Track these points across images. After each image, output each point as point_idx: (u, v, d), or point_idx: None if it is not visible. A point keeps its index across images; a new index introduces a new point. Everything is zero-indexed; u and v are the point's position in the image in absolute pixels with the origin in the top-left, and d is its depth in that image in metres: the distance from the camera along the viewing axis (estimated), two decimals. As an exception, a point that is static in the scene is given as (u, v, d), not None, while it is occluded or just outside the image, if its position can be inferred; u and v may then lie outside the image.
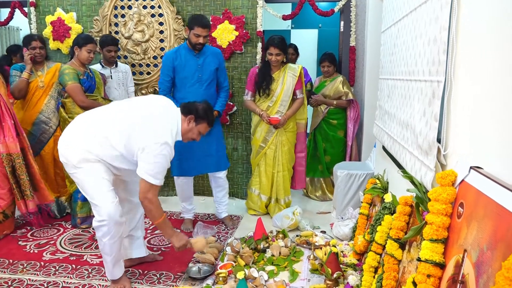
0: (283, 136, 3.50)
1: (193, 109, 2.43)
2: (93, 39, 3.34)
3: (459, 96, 1.46)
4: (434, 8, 1.66)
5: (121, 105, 2.46)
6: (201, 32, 3.04)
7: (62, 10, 4.07)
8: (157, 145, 2.20)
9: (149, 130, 2.23)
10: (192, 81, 3.16)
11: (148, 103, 2.43)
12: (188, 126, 2.41)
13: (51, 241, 3.11)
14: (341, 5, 4.02)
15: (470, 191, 1.30)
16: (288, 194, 3.63)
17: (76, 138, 2.28)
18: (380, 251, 2.16)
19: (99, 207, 2.24)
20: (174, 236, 2.43)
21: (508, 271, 0.90)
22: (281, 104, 3.44)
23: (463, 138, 1.44)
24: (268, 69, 3.42)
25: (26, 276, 2.58)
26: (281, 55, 3.34)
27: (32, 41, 3.42)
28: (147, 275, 2.59)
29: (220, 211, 3.48)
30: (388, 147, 2.53)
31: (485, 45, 1.27)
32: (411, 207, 1.92)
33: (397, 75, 2.37)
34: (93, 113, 2.41)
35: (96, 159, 2.24)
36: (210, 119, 2.51)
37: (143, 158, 2.21)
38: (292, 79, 3.43)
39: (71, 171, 2.29)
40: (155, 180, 2.23)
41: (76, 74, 3.23)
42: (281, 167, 3.54)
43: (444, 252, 1.39)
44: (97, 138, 2.25)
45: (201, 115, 2.44)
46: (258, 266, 2.66)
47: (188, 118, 2.41)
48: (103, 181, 2.26)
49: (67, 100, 3.28)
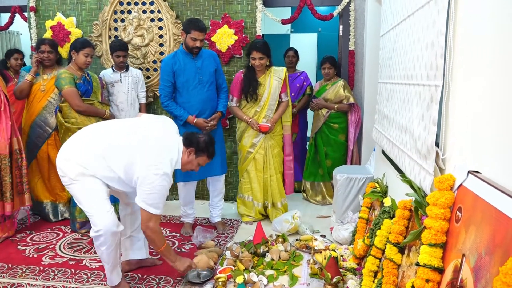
0: (272, 140, 3.49)
1: (194, 141, 2.41)
2: (90, 43, 3.34)
3: (457, 100, 1.46)
4: (431, 13, 1.67)
5: (124, 127, 2.44)
6: (198, 36, 3.05)
7: (62, 15, 4.09)
8: (157, 176, 2.20)
9: (150, 160, 2.23)
10: (193, 84, 3.17)
11: (150, 129, 2.41)
12: (188, 158, 2.40)
13: (50, 246, 3.11)
14: (340, 9, 4.03)
15: (468, 196, 1.30)
16: (283, 197, 3.61)
17: (75, 154, 2.28)
18: (380, 256, 2.16)
19: (94, 218, 2.24)
20: (177, 261, 2.48)
21: (505, 276, 0.90)
22: (268, 109, 3.42)
23: (462, 142, 1.44)
24: (253, 74, 3.40)
25: (25, 280, 2.58)
26: (264, 58, 3.32)
27: (42, 45, 3.46)
28: (146, 280, 2.59)
29: (215, 215, 3.47)
30: (387, 151, 2.53)
31: (482, 49, 1.28)
32: (410, 211, 1.92)
33: (396, 79, 2.37)
34: (95, 129, 2.41)
35: (93, 175, 2.25)
36: (211, 152, 2.49)
37: (142, 188, 2.22)
38: (278, 82, 3.42)
39: (67, 183, 2.29)
40: (155, 210, 2.24)
41: (72, 78, 3.22)
42: (273, 171, 3.52)
43: (443, 256, 1.39)
44: (96, 158, 2.25)
45: (202, 148, 2.43)
46: (257, 271, 2.65)
47: (189, 150, 2.40)
48: (98, 192, 2.26)
49: (64, 105, 3.28)
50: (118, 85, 3.72)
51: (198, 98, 3.19)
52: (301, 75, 4.33)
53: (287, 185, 3.69)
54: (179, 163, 2.38)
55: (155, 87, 4.07)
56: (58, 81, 3.22)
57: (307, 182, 4.24)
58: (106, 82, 3.72)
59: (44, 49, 3.45)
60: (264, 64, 3.36)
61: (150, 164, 2.21)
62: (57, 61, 3.61)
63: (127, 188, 2.34)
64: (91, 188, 2.24)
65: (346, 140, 4.09)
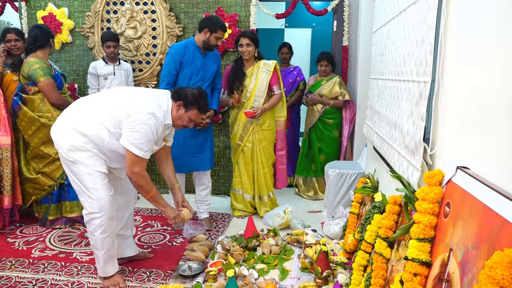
0: (260, 134, 3.48)
1: (182, 94, 2.35)
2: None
3: (447, 96, 1.47)
4: (422, 9, 1.67)
5: (112, 90, 2.48)
6: (222, 35, 3.14)
7: (53, 5, 4.04)
8: (143, 114, 2.15)
9: (137, 100, 2.22)
10: (196, 79, 3.17)
11: (139, 88, 2.45)
12: (177, 113, 2.34)
13: (40, 238, 3.09)
14: (335, 4, 4.03)
15: (457, 191, 1.32)
16: (270, 191, 3.61)
17: (64, 121, 2.27)
18: (370, 250, 2.17)
19: (92, 199, 2.20)
20: (168, 207, 2.41)
21: (490, 269, 0.91)
22: (255, 100, 3.42)
23: (450, 138, 1.46)
24: (241, 66, 3.42)
25: (14, 273, 2.56)
26: (251, 46, 3.33)
27: (7, 33, 3.28)
28: (137, 273, 2.59)
29: (202, 210, 3.45)
30: (378, 146, 2.55)
31: (474, 45, 1.28)
32: (400, 206, 1.93)
33: (387, 75, 2.38)
34: (84, 98, 2.41)
35: (84, 147, 2.20)
36: (201, 105, 2.39)
37: (127, 126, 2.16)
38: (266, 74, 3.41)
39: (65, 161, 2.26)
40: (139, 151, 2.16)
41: (49, 69, 3.09)
42: (260, 165, 3.52)
43: (431, 251, 1.40)
44: (84, 116, 2.23)
45: (191, 101, 2.35)
46: (248, 264, 2.66)
47: (177, 104, 2.34)
48: (98, 173, 2.23)
49: (36, 97, 3.11)
50: (112, 77, 3.69)
51: None
52: (294, 70, 4.33)
53: (279, 180, 3.69)
54: (169, 116, 2.32)
55: (148, 80, 4.05)
56: (33, 72, 3.03)
57: (300, 177, 4.25)
58: (98, 74, 3.69)
59: (11, 37, 3.26)
60: (251, 52, 3.36)
61: (137, 104, 2.19)
62: (26, 50, 3.37)
63: (119, 148, 2.24)
64: (90, 167, 2.21)
65: (339, 135, 4.11)
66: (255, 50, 3.38)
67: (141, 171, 2.23)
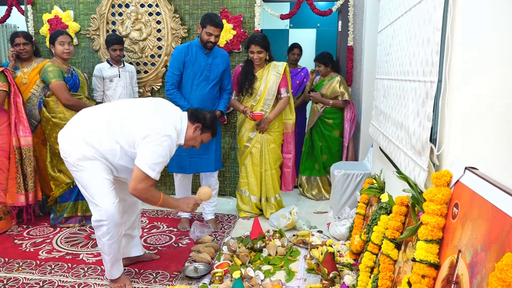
0: (268, 135, 3.48)
1: (201, 117, 2.38)
2: (63, 31, 3.27)
3: (454, 96, 1.46)
4: (428, 9, 1.66)
5: (125, 103, 2.43)
6: (213, 31, 3.07)
7: (59, 8, 4.06)
8: (159, 136, 2.15)
9: (154, 121, 2.20)
10: (199, 79, 3.17)
11: (153, 101, 2.40)
12: (193, 134, 2.36)
13: (47, 240, 3.10)
14: (339, 4, 4.02)
15: (465, 192, 1.30)
16: (277, 193, 3.61)
17: (75, 131, 2.26)
18: (377, 251, 2.16)
19: (99, 207, 2.21)
20: (180, 205, 2.41)
21: (501, 272, 0.90)
22: (264, 103, 3.42)
23: (457, 138, 1.44)
24: (251, 68, 3.40)
25: (21, 274, 2.57)
26: (262, 52, 3.31)
27: (16, 38, 3.37)
28: (143, 274, 2.59)
29: (207, 212, 3.44)
30: (384, 147, 2.54)
31: (480, 45, 1.27)
32: (407, 207, 1.92)
33: (393, 75, 2.37)
34: (95, 108, 2.39)
35: (94, 156, 2.21)
36: (215, 130, 2.48)
37: (143, 146, 2.15)
38: (276, 77, 3.40)
39: (72, 169, 2.26)
40: (151, 172, 2.14)
41: (60, 72, 3.17)
42: (268, 166, 3.51)
43: (439, 252, 1.39)
44: (97, 130, 2.22)
45: (208, 125, 2.40)
46: (254, 266, 2.66)
47: (195, 126, 2.36)
48: (104, 180, 2.23)
49: (50, 99, 3.20)
50: (117, 79, 3.71)
51: (199, 94, 3.18)
52: (301, 71, 4.32)
53: (284, 182, 3.68)
54: (183, 136, 2.33)
55: (152, 82, 4.06)
56: (45, 74, 3.14)
57: (303, 176, 4.25)
58: (104, 76, 3.70)
59: (19, 41, 3.36)
60: (262, 58, 3.35)
61: (154, 125, 2.18)
62: (34, 53, 3.51)
63: (129, 163, 2.25)
64: (97, 175, 2.21)
65: (340, 136, 4.09)
66: (266, 54, 3.37)
67: (143, 189, 2.19)
